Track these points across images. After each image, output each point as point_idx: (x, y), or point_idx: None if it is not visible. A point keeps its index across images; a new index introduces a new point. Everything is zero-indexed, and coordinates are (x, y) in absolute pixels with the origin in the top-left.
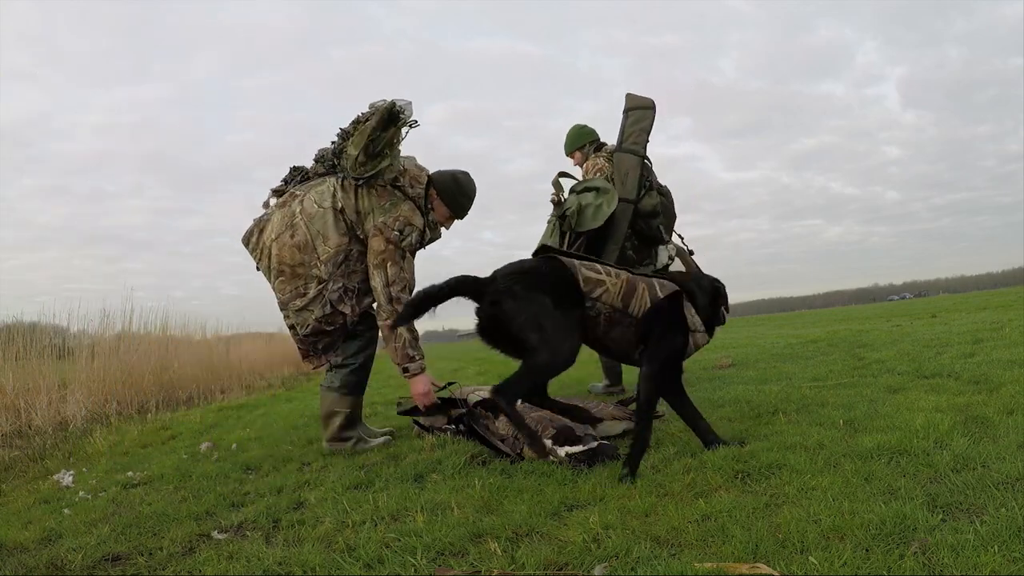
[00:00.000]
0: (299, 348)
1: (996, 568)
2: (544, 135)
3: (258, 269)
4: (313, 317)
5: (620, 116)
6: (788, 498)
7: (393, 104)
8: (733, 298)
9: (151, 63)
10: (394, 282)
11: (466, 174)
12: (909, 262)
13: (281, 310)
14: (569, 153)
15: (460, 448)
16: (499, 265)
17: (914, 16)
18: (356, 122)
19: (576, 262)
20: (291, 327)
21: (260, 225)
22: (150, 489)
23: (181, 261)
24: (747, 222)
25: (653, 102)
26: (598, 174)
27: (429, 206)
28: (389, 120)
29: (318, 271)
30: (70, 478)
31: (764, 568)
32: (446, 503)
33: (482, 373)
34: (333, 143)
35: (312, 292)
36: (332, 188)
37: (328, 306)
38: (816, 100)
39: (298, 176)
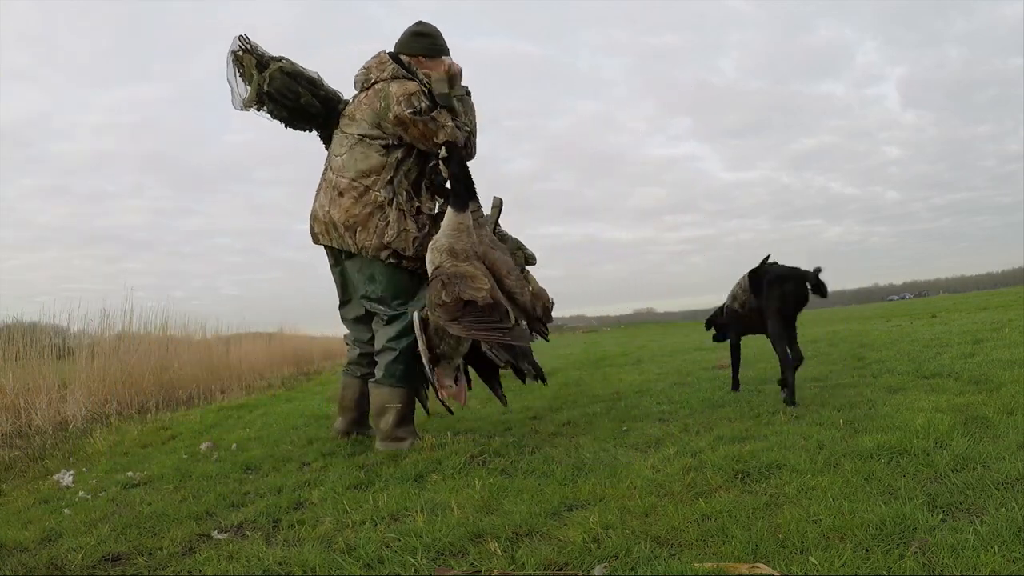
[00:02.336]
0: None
1: (996, 568)
2: (544, 135)
3: (344, 257)
4: (412, 234)
5: (617, 118)
6: (788, 498)
7: (231, 53)
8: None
9: (151, 63)
10: (450, 143)
11: (416, 23)
12: (909, 262)
13: (383, 252)
14: None
15: (460, 448)
16: None
17: (914, 16)
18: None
19: None
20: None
21: (312, 217)
22: (150, 489)
23: (181, 261)
24: (747, 222)
25: (500, 201)
26: None
27: (423, 76)
28: (236, 63)
29: (381, 195)
30: (70, 478)
31: (764, 568)
32: (446, 503)
33: None
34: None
35: (392, 215)
36: (341, 134)
37: (412, 212)
38: (816, 100)
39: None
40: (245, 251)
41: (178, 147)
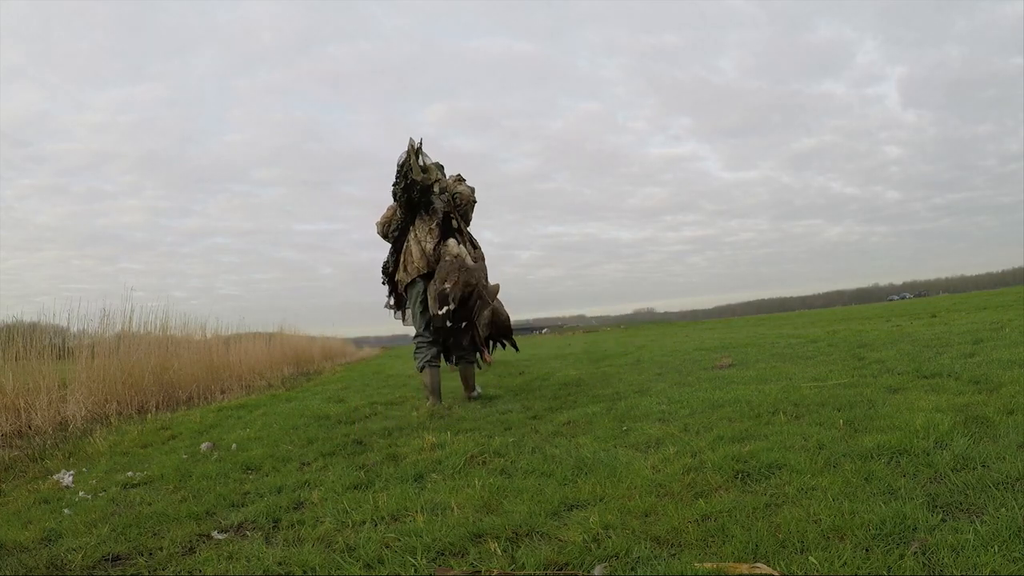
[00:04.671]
0: None
1: (996, 568)
2: (544, 135)
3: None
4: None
5: (617, 118)
6: (788, 498)
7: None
8: (734, 297)
9: (148, 63)
10: None
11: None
12: (909, 262)
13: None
14: None
15: (460, 448)
16: (499, 264)
17: (914, 15)
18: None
19: None
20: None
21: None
22: (150, 489)
23: (180, 261)
24: (747, 222)
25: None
26: None
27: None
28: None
29: None
30: (70, 478)
31: (764, 568)
32: (446, 503)
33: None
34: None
35: None
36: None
37: None
38: (816, 100)
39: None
40: (243, 251)
41: (176, 147)
